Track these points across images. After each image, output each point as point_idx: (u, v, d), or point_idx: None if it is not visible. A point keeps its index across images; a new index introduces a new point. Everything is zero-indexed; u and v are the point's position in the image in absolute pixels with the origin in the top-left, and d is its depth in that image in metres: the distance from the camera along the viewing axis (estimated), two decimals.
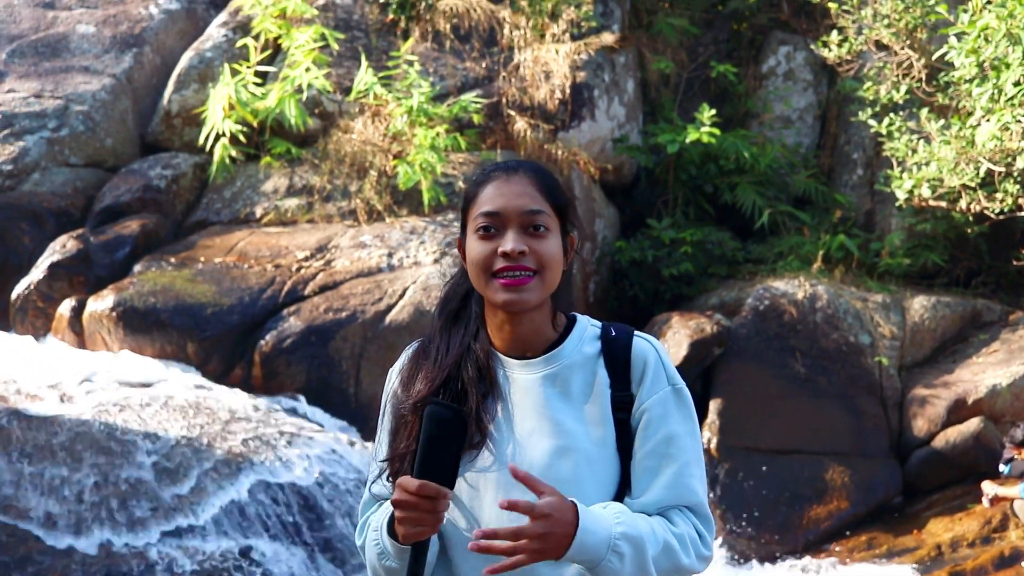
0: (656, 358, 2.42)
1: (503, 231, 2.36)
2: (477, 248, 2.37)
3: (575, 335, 2.44)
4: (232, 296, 8.26)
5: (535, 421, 2.37)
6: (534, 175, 2.42)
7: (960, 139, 8.59)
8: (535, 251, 2.35)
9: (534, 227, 2.36)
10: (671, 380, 2.42)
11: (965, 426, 8.72)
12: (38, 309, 8.41)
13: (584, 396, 2.40)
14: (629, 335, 2.44)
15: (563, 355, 2.41)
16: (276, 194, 9.27)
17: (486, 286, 2.37)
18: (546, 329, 2.44)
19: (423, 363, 2.45)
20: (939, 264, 10.06)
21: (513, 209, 2.36)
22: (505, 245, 2.34)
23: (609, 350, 2.42)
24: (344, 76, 9.77)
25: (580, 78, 10.06)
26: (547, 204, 2.40)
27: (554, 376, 2.40)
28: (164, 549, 6.33)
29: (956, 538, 8.24)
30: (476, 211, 2.40)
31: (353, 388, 8.15)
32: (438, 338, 2.46)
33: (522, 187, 2.39)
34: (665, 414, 2.39)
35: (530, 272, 2.35)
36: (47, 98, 9.41)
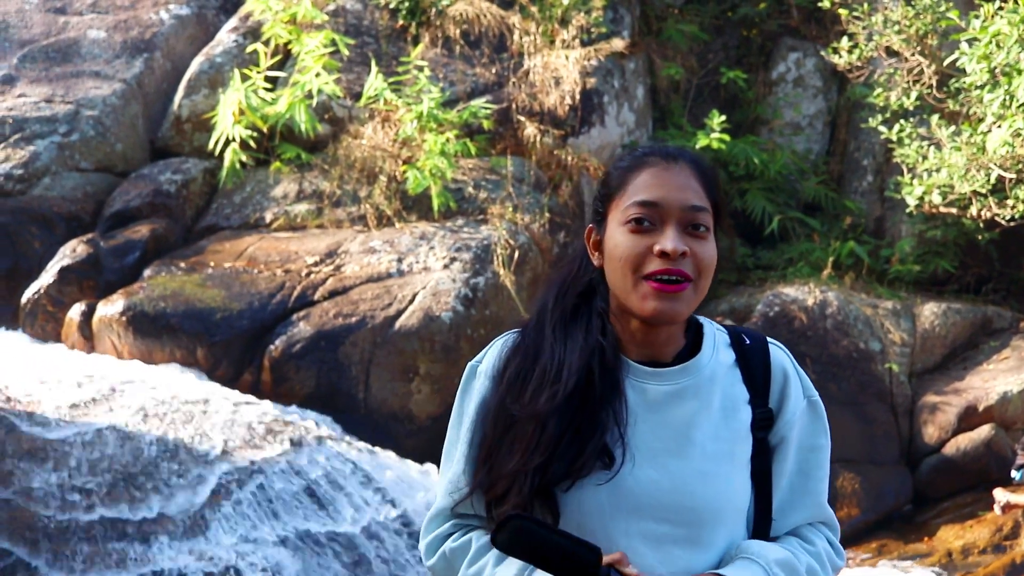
0: (793, 369, 2.19)
1: (660, 227, 2.07)
2: (627, 242, 2.07)
3: (708, 342, 2.17)
4: (242, 301, 8.26)
5: (670, 440, 2.09)
6: (696, 167, 2.14)
7: (971, 145, 8.57)
8: (695, 254, 2.07)
9: (694, 226, 2.08)
10: (807, 392, 2.20)
11: (976, 433, 8.70)
12: (48, 313, 8.41)
13: (723, 411, 2.12)
14: (764, 343, 2.19)
15: (700, 366, 2.13)
16: (286, 199, 9.27)
17: (632, 288, 2.07)
18: (678, 335, 2.16)
19: (529, 365, 2.13)
20: (949, 271, 10.04)
21: (675, 202, 2.07)
22: (665, 243, 2.04)
23: (745, 360, 2.16)
24: (354, 82, 9.78)
25: (590, 84, 10.05)
26: (708, 200, 2.12)
27: (691, 389, 2.11)
28: (173, 555, 6.33)
29: (967, 545, 8.21)
30: (628, 199, 2.09)
31: (362, 393, 8.14)
32: (552, 338, 2.13)
33: (685, 178, 2.10)
34: (804, 429, 2.18)
35: (686, 279, 2.06)
36: (58, 103, 9.43)
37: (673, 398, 2.10)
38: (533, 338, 2.16)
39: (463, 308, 8.36)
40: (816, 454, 2.20)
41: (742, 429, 2.13)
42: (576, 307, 2.17)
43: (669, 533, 2.06)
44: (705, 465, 2.08)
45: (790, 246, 10.28)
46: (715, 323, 2.24)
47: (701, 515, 2.06)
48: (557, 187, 9.64)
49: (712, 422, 2.11)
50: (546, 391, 2.08)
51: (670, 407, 2.10)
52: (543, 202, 9.35)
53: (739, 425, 2.13)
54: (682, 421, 2.09)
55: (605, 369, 2.09)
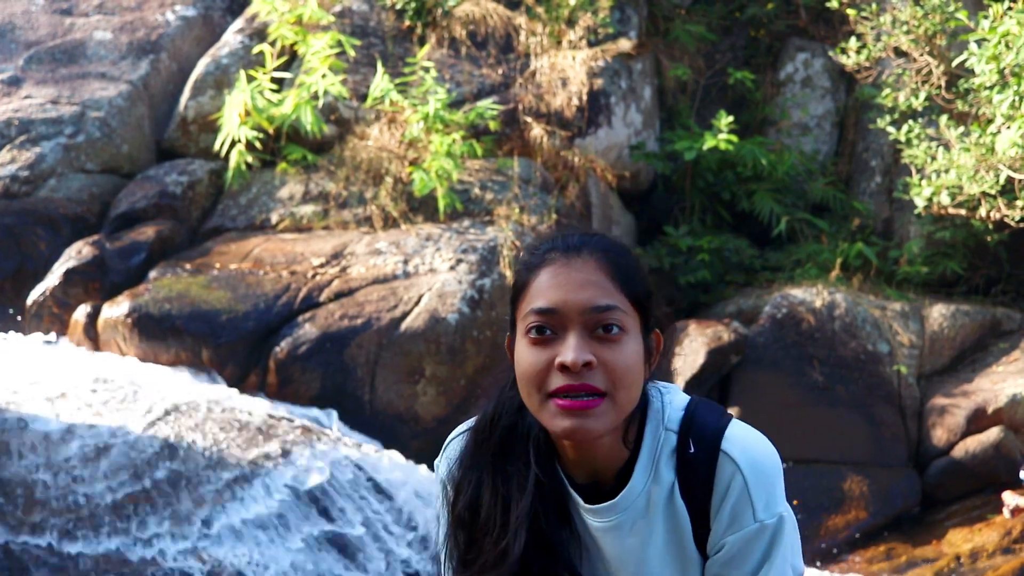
0: (742, 487, 1.86)
1: (562, 334, 1.83)
2: (528, 357, 1.84)
3: (644, 460, 1.90)
4: (247, 302, 8.25)
5: (616, 572, 1.92)
6: (603, 256, 1.87)
7: (980, 146, 8.53)
8: (605, 363, 1.81)
9: (604, 328, 1.83)
10: (757, 515, 1.87)
11: (985, 436, 8.65)
12: (53, 315, 8.41)
13: (665, 536, 1.92)
14: (713, 453, 1.88)
15: (629, 500, 1.90)
16: (292, 200, 9.25)
17: (540, 408, 1.85)
18: (618, 450, 1.91)
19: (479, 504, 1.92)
20: (958, 272, 9.99)
21: (575, 305, 1.82)
22: (564, 355, 1.80)
23: (687, 475, 1.88)
24: (360, 83, 9.76)
25: (597, 85, 10.03)
26: (622, 296, 1.86)
27: (626, 524, 1.91)
28: (178, 558, 6.31)
29: (976, 549, 8.16)
30: (527, 306, 1.85)
31: (368, 395, 8.12)
32: (490, 470, 1.93)
33: (588, 274, 1.84)
34: (740, 555, 1.88)
35: (597, 393, 1.82)
36: (64, 104, 9.42)
37: (611, 533, 1.92)
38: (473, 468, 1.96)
39: (469, 310, 8.34)
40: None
41: (688, 550, 1.92)
42: (513, 428, 1.95)
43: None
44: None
45: (798, 247, 10.24)
46: (668, 412, 1.94)
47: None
48: (564, 188, 9.62)
49: (657, 551, 1.91)
50: (496, 544, 1.90)
51: (613, 542, 1.92)
52: (550, 203, 9.33)
53: (684, 546, 1.92)
54: (627, 555, 1.92)
55: (552, 505, 1.91)
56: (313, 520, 6.79)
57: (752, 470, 1.87)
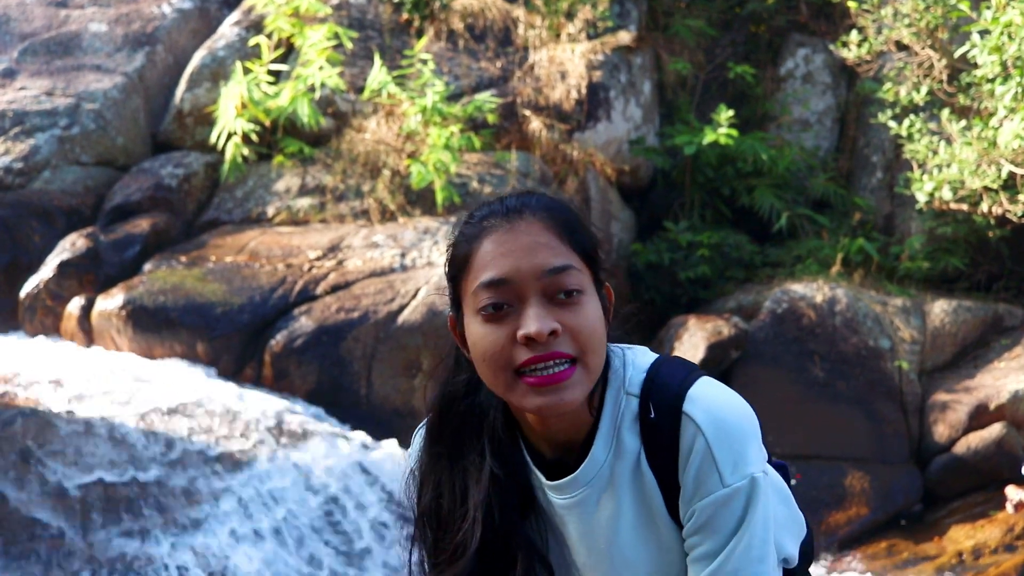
0: (704, 450, 1.73)
1: (519, 306, 1.68)
2: (485, 337, 1.69)
3: (604, 429, 1.78)
4: (243, 295, 8.18)
5: (593, 553, 1.82)
6: (546, 214, 1.73)
7: (982, 140, 8.47)
8: (571, 328, 1.69)
9: (564, 292, 1.69)
10: (725, 479, 1.74)
11: (987, 432, 8.59)
12: (47, 308, 8.34)
13: (635, 509, 1.80)
14: (676, 416, 1.76)
15: (592, 469, 1.78)
16: (288, 193, 9.19)
17: (508, 389, 1.71)
18: (582, 417, 1.79)
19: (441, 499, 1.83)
20: (960, 268, 9.93)
21: (528, 271, 1.68)
22: (527, 327, 1.66)
23: (650, 441, 1.76)
24: (357, 76, 9.70)
25: (596, 77, 9.96)
26: (573, 253, 1.72)
27: (591, 498, 1.80)
28: (173, 552, 6.25)
29: (978, 545, 8.11)
30: (474, 281, 1.70)
31: (364, 389, 8.05)
32: (448, 464, 1.82)
33: (533, 235, 1.70)
34: (710, 523, 1.75)
35: (567, 360, 1.69)
36: (59, 96, 9.36)
37: (577, 509, 1.81)
38: (431, 464, 1.85)
39: None
40: (719, 552, 1.76)
41: (661, 519, 1.80)
42: (465, 417, 1.82)
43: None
44: (634, 570, 1.81)
45: (798, 243, 10.18)
46: (629, 374, 1.82)
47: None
48: (563, 182, 9.55)
49: (629, 524, 1.80)
50: (456, 535, 1.81)
51: (580, 520, 1.81)
52: None
53: (656, 516, 1.80)
54: (595, 531, 1.82)
55: (511, 490, 1.80)
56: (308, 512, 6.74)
57: (715, 430, 1.74)
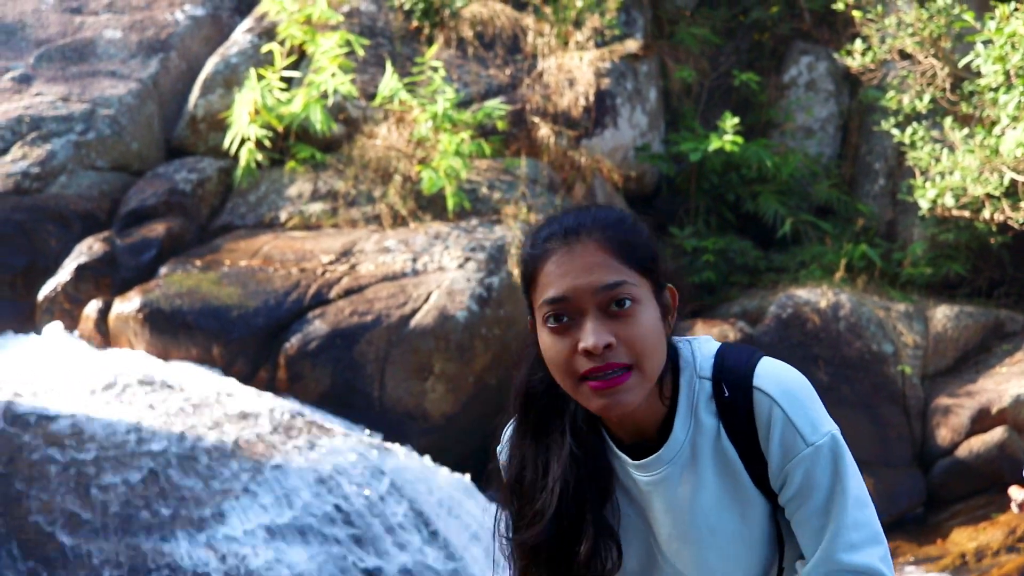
0: (782, 418, 1.91)
1: (579, 319, 1.86)
2: (553, 347, 1.89)
3: (683, 410, 1.96)
4: (257, 299, 8.28)
5: (676, 527, 1.97)
6: (601, 234, 1.90)
7: (984, 148, 8.58)
8: (625, 339, 1.86)
9: (617, 303, 1.87)
10: (807, 439, 1.92)
11: (989, 435, 8.70)
12: (64, 310, 8.44)
13: (720, 480, 1.96)
14: (748, 392, 1.93)
15: (673, 450, 1.95)
16: (301, 199, 9.29)
17: (574, 391, 1.90)
18: (656, 406, 1.96)
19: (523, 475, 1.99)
20: (961, 274, 10.04)
21: (586, 289, 1.86)
22: (585, 340, 1.85)
23: (728, 418, 1.94)
24: (368, 82, 9.81)
25: (604, 85, 10.08)
26: (628, 268, 1.90)
27: (674, 475, 1.96)
28: (191, 550, 6.35)
29: (981, 547, 8.21)
30: (540, 296, 1.90)
31: (377, 392, 8.15)
32: (531, 444, 1.99)
33: (591, 255, 1.88)
34: (808, 477, 1.93)
35: (624, 368, 1.87)
36: (74, 102, 9.46)
37: (661, 486, 1.97)
38: (517, 444, 2.03)
39: (478, 307, 8.38)
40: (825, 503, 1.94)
41: (746, 490, 1.96)
42: (549, 405, 2.00)
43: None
44: (716, 541, 1.97)
45: (802, 249, 10.29)
46: (699, 364, 2.00)
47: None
48: (571, 188, 9.66)
49: (710, 497, 1.96)
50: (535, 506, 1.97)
51: (664, 495, 1.97)
52: (556, 203, 9.36)
53: (741, 488, 1.97)
54: (679, 506, 1.97)
55: (589, 469, 1.96)
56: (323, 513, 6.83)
57: (787, 399, 1.93)
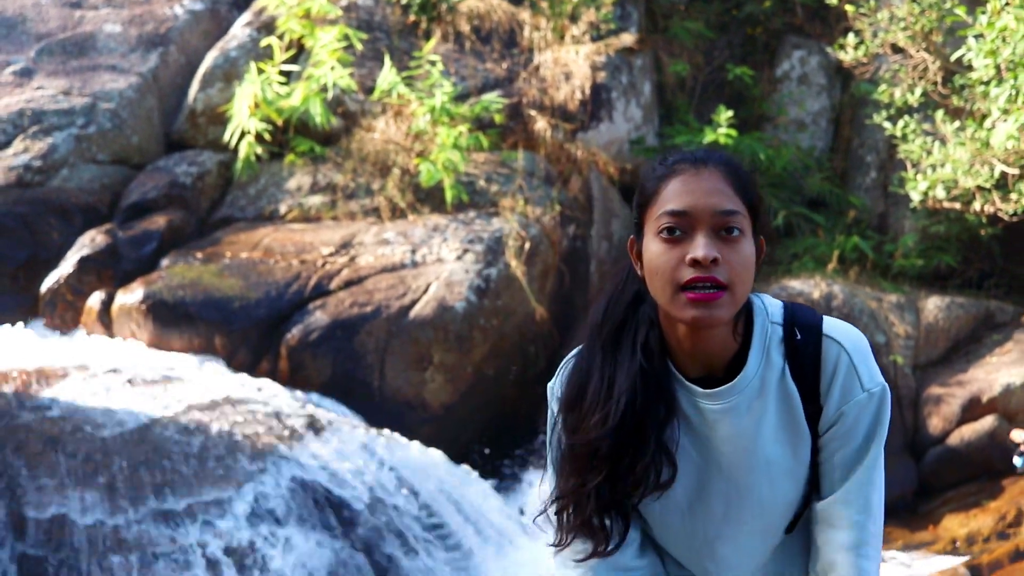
0: (848, 364, 2.14)
1: (691, 234, 2.06)
2: (661, 255, 2.07)
3: (756, 346, 2.15)
4: (259, 290, 8.37)
5: (733, 454, 2.15)
6: (726, 169, 2.11)
7: (975, 141, 8.67)
8: (728, 260, 2.05)
9: (727, 230, 2.06)
10: (864, 385, 2.14)
11: (980, 424, 8.81)
12: (67, 302, 8.52)
13: (779, 415, 2.15)
14: (817, 337, 2.15)
15: (746, 382, 2.13)
16: (300, 191, 9.38)
17: (671, 300, 2.06)
18: (729, 341, 2.15)
19: (582, 387, 2.16)
20: (952, 266, 10.16)
21: (704, 209, 2.05)
22: (695, 251, 2.03)
23: (796, 359, 2.14)
24: (366, 76, 9.89)
25: (599, 79, 10.17)
26: (741, 203, 2.09)
27: (743, 404, 2.13)
28: (198, 536, 6.43)
29: (971, 533, 8.33)
30: (659, 209, 2.08)
31: (378, 382, 8.25)
32: (600, 357, 2.15)
33: (714, 183, 2.08)
34: (857, 420, 2.15)
35: (720, 286, 2.05)
36: (75, 96, 9.54)
37: (726, 415, 2.13)
38: (587, 358, 2.18)
39: (476, 298, 8.48)
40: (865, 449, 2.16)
41: (799, 427, 2.16)
42: (624, 321, 2.17)
43: (743, 529, 2.20)
44: (770, 471, 2.16)
45: (795, 241, 10.39)
46: (770, 311, 2.21)
47: (770, 512, 2.19)
48: (567, 181, 9.76)
49: (771, 428, 2.14)
50: (597, 415, 2.12)
51: (728, 423, 2.13)
52: (553, 196, 9.47)
53: (795, 425, 2.16)
54: (741, 435, 2.14)
55: (654, 388, 2.12)
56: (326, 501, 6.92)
57: (854, 349, 2.15)
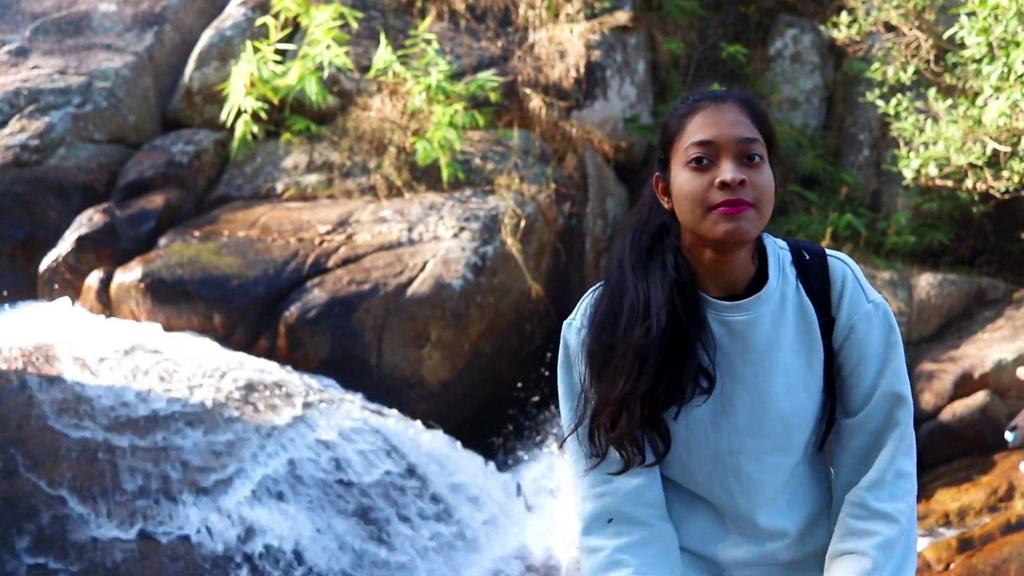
0: (853, 278, 2.40)
1: (717, 161, 2.28)
2: (691, 181, 2.29)
3: (773, 267, 2.38)
4: (257, 268, 8.42)
5: (756, 363, 2.34)
6: (744, 103, 2.35)
7: (967, 118, 8.74)
8: (752, 182, 2.27)
9: (748, 156, 2.28)
10: (869, 297, 2.41)
11: (971, 400, 8.89)
12: (66, 281, 8.56)
13: (796, 328, 2.36)
14: (823, 257, 2.41)
15: (770, 293, 2.35)
16: (296, 170, 9.42)
17: (702, 220, 2.28)
18: (748, 264, 2.37)
19: (617, 304, 2.34)
20: (944, 243, 10.23)
21: (728, 138, 2.28)
22: (724, 175, 2.25)
23: (806, 276, 2.38)
24: (361, 55, 9.92)
25: (594, 57, 10.21)
26: (759, 133, 2.32)
27: (766, 315, 2.34)
28: (200, 513, 6.50)
29: (963, 507, 8.41)
30: (686, 142, 2.31)
31: (375, 359, 8.31)
32: (633, 277, 2.35)
33: (735, 115, 2.31)
34: (869, 331, 2.39)
35: (748, 204, 2.27)
36: (71, 74, 9.55)
37: (752, 325, 2.33)
38: (617, 280, 2.37)
39: (473, 276, 8.53)
40: (883, 351, 2.40)
41: (814, 340, 2.37)
42: (651, 247, 2.38)
43: (764, 444, 2.36)
44: (788, 380, 2.34)
45: (788, 219, 10.45)
46: (777, 242, 2.43)
47: (789, 424, 2.35)
48: (562, 159, 9.80)
49: (789, 340, 2.35)
50: (639, 326, 2.29)
51: (751, 334, 2.33)
52: (548, 174, 9.52)
53: (811, 337, 2.36)
54: (764, 345, 2.33)
55: (687, 302, 2.31)
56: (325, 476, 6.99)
57: (855, 267, 2.41)
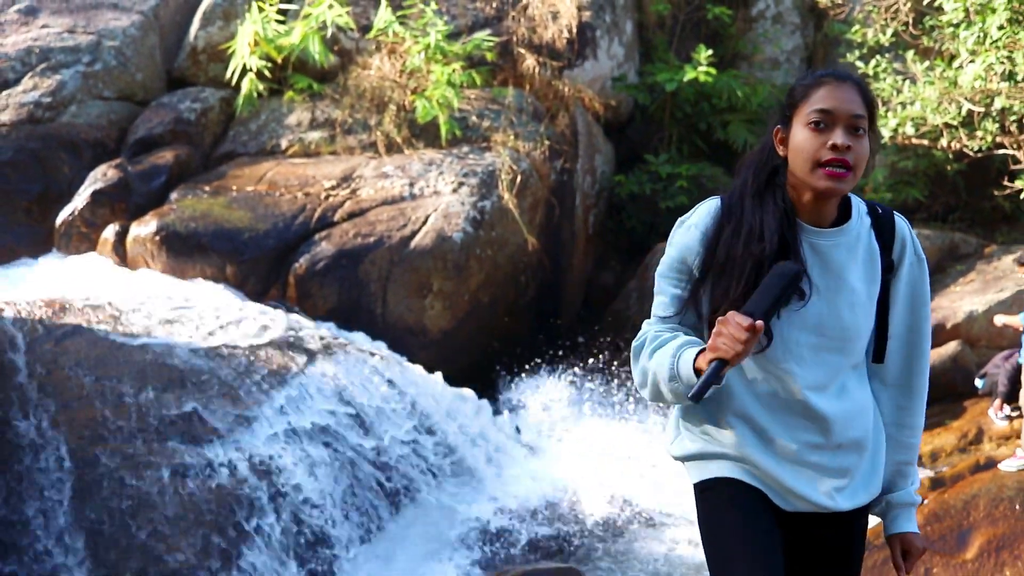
0: (911, 236, 2.98)
1: (832, 128, 2.80)
2: (808, 139, 2.81)
3: (855, 211, 2.94)
4: (267, 222, 8.73)
5: (832, 280, 2.89)
6: (859, 87, 2.86)
7: (944, 80, 9.07)
8: (855, 150, 2.79)
9: (856, 129, 2.79)
10: (917, 252, 2.98)
11: (944, 349, 9.25)
12: (82, 234, 8.85)
13: (864, 260, 2.92)
14: (892, 214, 2.98)
15: (851, 228, 2.91)
16: (300, 127, 9.70)
17: (810, 172, 2.81)
18: (835, 206, 2.91)
19: (737, 224, 2.87)
20: (919, 199, 10.60)
21: (844, 111, 2.79)
22: (836, 139, 2.77)
23: (878, 224, 2.96)
24: (360, 16, 10.19)
25: (585, 17, 10.50)
26: (866, 112, 2.83)
27: (844, 245, 2.90)
28: (223, 452, 6.82)
29: (936, 450, 8.82)
30: (810, 107, 2.83)
31: (380, 308, 8.65)
32: (751, 204, 2.89)
33: (851, 94, 2.82)
34: (914, 277, 2.98)
35: (848, 167, 2.78)
36: (80, 33, 9.78)
37: (833, 250, 2.90)
38: (738, 204, 2.91)
39: (472, 229, 8.87)
40: (923, 296, 3.01)
41: (876, 273, 2.95)
42: (766, 183, 2.91)
43: (826, 343, 2.92)
44: (853, 298, 2.91)
45: None
46: (857, 197, 3.00)
47: (848, 332, 2.91)
48: (554, 117, 10.11)
49: (858, 267, 2.92)
50: (755, 244, 2.84)
51: (831, 257, 2.90)
52: (541, 131, 9.83)
53: (874, 270, 2.95)
54: (839, 267, 2.90)
55: (791, 228, 2.87)
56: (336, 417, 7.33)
57: (912, 230, 3.03)
